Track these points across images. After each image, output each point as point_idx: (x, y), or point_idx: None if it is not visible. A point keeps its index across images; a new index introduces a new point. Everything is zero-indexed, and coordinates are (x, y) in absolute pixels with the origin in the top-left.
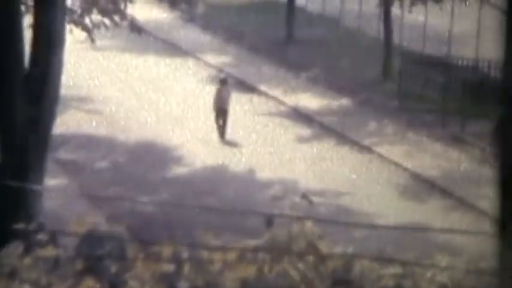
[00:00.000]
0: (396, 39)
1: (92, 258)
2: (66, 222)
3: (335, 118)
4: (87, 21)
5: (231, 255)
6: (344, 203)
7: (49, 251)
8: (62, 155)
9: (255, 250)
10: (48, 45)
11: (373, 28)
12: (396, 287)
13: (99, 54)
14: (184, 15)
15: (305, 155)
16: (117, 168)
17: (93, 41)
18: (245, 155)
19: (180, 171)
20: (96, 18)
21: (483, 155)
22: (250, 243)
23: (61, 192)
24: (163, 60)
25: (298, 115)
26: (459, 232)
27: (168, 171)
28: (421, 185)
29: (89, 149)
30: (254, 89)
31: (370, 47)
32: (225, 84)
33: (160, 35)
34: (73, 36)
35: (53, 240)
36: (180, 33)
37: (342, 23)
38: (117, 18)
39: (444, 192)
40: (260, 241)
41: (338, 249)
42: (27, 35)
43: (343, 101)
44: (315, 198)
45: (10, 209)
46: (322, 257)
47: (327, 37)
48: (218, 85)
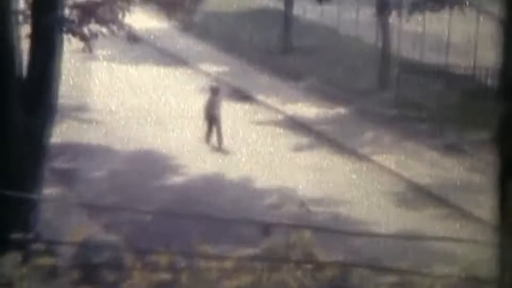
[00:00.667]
0: (394, 48)
1: (89, 267)
2: (63, 231)
3: (331, 127)
4: (85, 30)
5: (229, 264)
6: (341, 212)
7: (46, 261)
8: (58, 164)
9: (253, 259)
10: (46, 54)
11: (370, 37)
12: None
13: (96, 64)
14: (181, 24)
15: (302, 164)
16: (114, 177)
17: (90, 50)
18: (242, 163)
19: (176, 180)
20: (93, 27)
21: (480, 164)
22: (248, 252)
23: (58, 202)
24: (160, 69)
25: (295, 124)
26: (456, 240)
27: (165, 180)
28: (418, 194)
29: (85, 158)
30: (251, 98)
31: (367, 55)
32: (217, 92)
33: (158, 44)
34: (70, 45)
35: (49, 250)
36: (177, 43)
37: (340, 32)
38: (114, 28)
39: (441, 200)
40: (258, 250)
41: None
42: (25, 45)
43: (340, 110)
44: (312, 207)
45: (7, 218)
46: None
47: (324, 46)
48: (209, 94)
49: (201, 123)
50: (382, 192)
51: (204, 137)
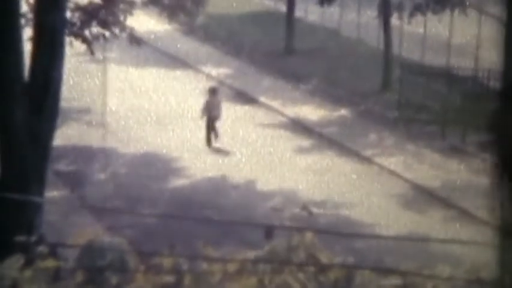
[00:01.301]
0: (396, 49)
1: (93, 270)
2: (67, 234)
3: (335, 129)
4: (87, 33)
5: (231, 267)
6: (344, 214)
7: (50, 263)
8: (62, 166)
9: (255, 261)
10: (48, 57)
11: (373, 39)
12: None
13: (98, 66)
14: (184, 26)
15: (305, 166)
16: (117, 179)
17: (92, 53)
18: (244, 165)
19: (179, 182)
20: (95, 30)
21: (483, 166)
22: (251, 254)
23: (61, 204)
24: (162, 72)
25: (298, 126)
26: (459, 242)
27: (168, 182)
28: (421, 196)
29: (88, 160)
30: (253, 100)
31: (369, 57)
32: (215, 93)
33: (160, 46)
34: (73, 48)
35: (53, 252)
36: (180, 45)
37: (341, 33)
38: (116, 30)
39: (444, 202)
40: (260, 252)
41: (338, 260)
42: (27, 48)
43: (343, 112)
44: (315, 209)
45: (10, 221)
46: (323, 268)
47: (326, 48)
48: (208, 94)
49: (203, 125)
50: (385, 194)
51: (205, 138)
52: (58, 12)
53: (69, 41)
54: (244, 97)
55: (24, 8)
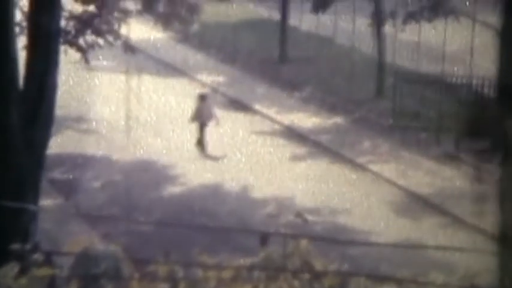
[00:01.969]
0: (390, 57)
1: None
2: (62, 242)
3: (329, 136)
4: (81, 41)
5: (226, 274)
6: (339, 221)
7: (45, 271)
8: (56, 174)
9: (250, 268)
10: (43, 65)
11: (367, 47)
12: None
13: (93, 74)
14: (178, 34)
15: (299, 173)
16: (112, 187)
17: (87, 61)
18: (239, 173)
19: (174, 190)
20: (90, 38)
21: (477, 173)
22: (246, 261)
23: (56, 212)
24: (157, 79)
25: (293, 133)
26: (454, 249)
27: (163, 190)
28: (416, 203)
29: (83, 168)
30: (248, 108)
31: (363, 65)
32: (205, 100)
33: (155, 54)
34: (67, 56)
35: (48, 260)
36: (174, 53)
37: (335, 41)
38: (111, 39)
39: (438, 209)
40: (255, 259)
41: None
42: (22, 56)
43: (337, 119)
44: (310, 217)
45: (5, 229)
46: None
47: (321, 56)
48: (197, 101)
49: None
50: (379, 201)
51: (198, 144)
52: (53, 21)
53: (63, 49)
54: (238, 105)
55: (18, 16)
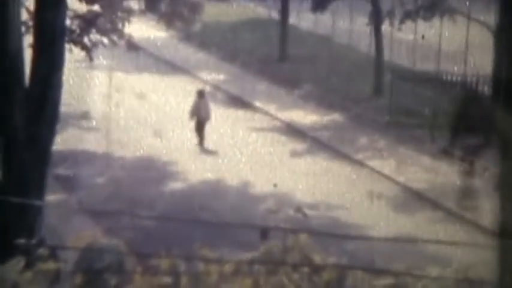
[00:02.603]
0: (387, 55)
1: (92, 272)
2: (66, 236)
3: (327, 133)
4: (86, 40)
5: (227, 268)
6: (337, 216)
7: (49, 266)
8: (61, 171)
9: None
10: (48, 64)
11: (364, 45)
12: None
13: (97, 73)
14: (180, 33)
15: (298, 169)
16: (115, 183)
17: (91, 59)
18: (240, 169)
19: (176, 185)
20: (94, 37)
21: (471, 169)
22: (246, 255)
23: (61, 208)
24: (159, 77)
25: (292, 130)
26: (449, 243)
27: (165, 185)
28: (412, 198)
29: (87, 165)
30: (248, 105)
31: (361, 63)
32: (203, 96)
33: (157, 53)
34: (72, 55)
35: (53, 255)
36: (176, 51)
37: (334, 40)
38: (115, 38)
39: (434, 204)
40: (255, 253)
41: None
42: (27, 55)
43: (335, 117)
44: (309, 212)
45: (11, 224)
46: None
47: (319, 54)
48: (196, 97)
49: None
50: (377, 197)
51: (197, 140)
52: (58, 20)
53: (68, 47)
54: (239, 102)
55: (24, 15)
